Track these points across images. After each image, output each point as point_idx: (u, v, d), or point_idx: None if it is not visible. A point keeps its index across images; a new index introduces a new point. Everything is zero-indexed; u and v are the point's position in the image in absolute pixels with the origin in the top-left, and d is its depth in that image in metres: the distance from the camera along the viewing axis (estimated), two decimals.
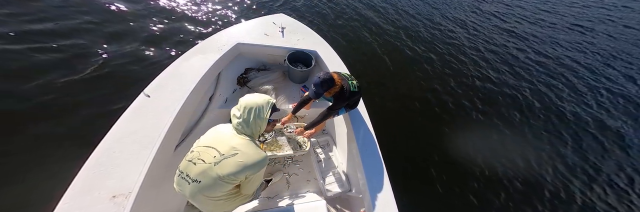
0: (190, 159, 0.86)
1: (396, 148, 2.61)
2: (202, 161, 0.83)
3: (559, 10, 7.46)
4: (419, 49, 4.28)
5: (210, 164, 0.81)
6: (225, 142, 0.86)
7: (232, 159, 0.82)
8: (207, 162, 0.82)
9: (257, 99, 0.91)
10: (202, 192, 0.84)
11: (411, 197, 2.21)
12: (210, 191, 0.84)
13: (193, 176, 0.83)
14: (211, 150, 0.85)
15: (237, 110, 0.90)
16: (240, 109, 0.89)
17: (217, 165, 0.81)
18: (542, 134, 3.25)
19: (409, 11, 5.52)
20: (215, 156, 0.83)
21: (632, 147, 3.28)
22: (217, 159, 0.82)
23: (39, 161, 1.71)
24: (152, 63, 2.61)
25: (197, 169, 0.83)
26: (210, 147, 0.85)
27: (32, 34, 2.44)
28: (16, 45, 2.28)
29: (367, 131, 1.60)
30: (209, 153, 0.84)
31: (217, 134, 0.92)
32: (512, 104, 3.60)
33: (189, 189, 0.85)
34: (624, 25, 7.04)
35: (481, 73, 4.08)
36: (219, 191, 0.85)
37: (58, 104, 2.02)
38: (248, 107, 0.88)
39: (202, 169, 0.82)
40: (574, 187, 2.71)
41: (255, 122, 0.90)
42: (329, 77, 1.23)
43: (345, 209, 1.65)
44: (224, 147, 0.84)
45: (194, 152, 0.87)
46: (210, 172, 0.81)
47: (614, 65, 5.05)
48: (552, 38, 5.71)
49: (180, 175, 0.88)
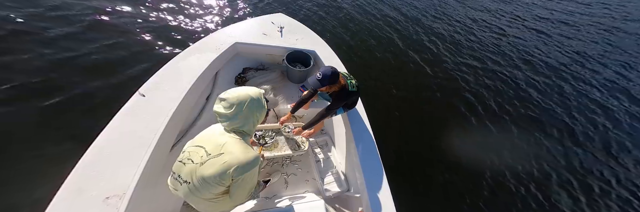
0: (181, 160, 0.83)
1: (395, 148, 2.61)
2: (191, 161, 0.79)
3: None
4: (420, 49, 4.31)
5: (197, 165, 0.77)
6: (214, 141, 0.81)
7: (216, 159, 0.75)
8: (195, 162, 0.78)
9: (248, 90, 0.82)
10: (193, 193, 0.80)
11: (410, 197, 2.21)
12: (200, 192, 0.79)
13: (183, 176, 0.80)
14: (200, 149, 0.80)
15: (222, 107, 0.79)
16: (229, 104, 0.78)
17: (202, 165, 0.76)
18: (548, 134, 3.25)
19: (409, 11, 5.57)
20: (202, 156, 0.78)
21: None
22: (203, 159, 0.77)
23: (29, 162, 1.68)
24: (147, 62, 2.58)
25: (186, 170, 0.80)
26: (199, 147, 0.81)
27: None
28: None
29: (365, 130, 1.60)
30: (198, 153, 0.80)
31: (208, 133, 0.88)
32: (514, 104, 3.61)
33: (182, 189, 0.82)
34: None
35: (483, 73, 4.11)
36: (208, 193, 0.79)
37: (50, 103, 1.98)
38: (239, 101, 0.79)
39: (189, 169, 0.78)
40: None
41: (253, 116, 0.83)
42: (337, 72, 1.24)
43: (344, 208, 1.64)
44: (212, 146, 0.79)
45: (185, 152, 0.84)
46: (196, 173, 0.77)
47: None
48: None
49: (173, 175, 0.85)
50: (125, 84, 2.27)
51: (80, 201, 0.89)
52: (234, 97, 0.79)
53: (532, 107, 3.63)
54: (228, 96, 0.79)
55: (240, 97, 0.79)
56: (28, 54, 2.25)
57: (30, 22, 2.53)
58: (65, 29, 2.61)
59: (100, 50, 2.54)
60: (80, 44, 2.53)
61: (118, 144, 1.06)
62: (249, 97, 0.80)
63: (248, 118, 0.82)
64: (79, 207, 0.88)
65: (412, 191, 2.33)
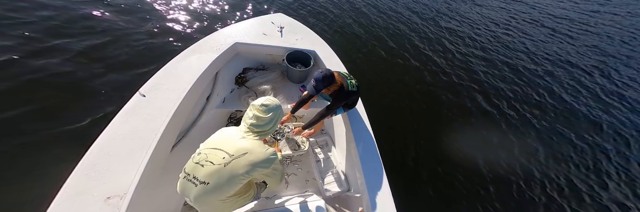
0: (198, 161, 0.86)
1: (395, 148, 2.61)
2: (210, 162, 0.84)
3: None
4: (422, 48, 4.30)
5: (220, 165, 0.83)
6: (232, 143, 0.88)
7: (242, 158, 0.85)
8: (216, 163, 0.84)
9: (274, 100, 0.99)
10: (208, 193, 0.84)
11: (409, 197, 2.21)
12: (219, 191, 0.85)
13: (201, 178, 0.84)
14: (219, 152, 0.86)
15: (263, 112, 0.93)
16: (269, 110, 0.94)
17: (228, 165, 0.83)
18: (549, 135, 3.25)
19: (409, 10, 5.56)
20: (224, 157, 0.84)
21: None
22: (226, 160, 0.84)
23: (30, 162, 1.68)
24: (147, 62, 2.58)
25: (205, 171, 0.84)
26: (217, 149, 0.87)
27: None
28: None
29: (365, 130, 1.60)
30: (217, 155, 0.85)
31: (224, 136, 0.95)
32: (516, 104, 3.61)
33: (194, 191, 0.85)
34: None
35: (484, 73, 4.11)
36: (227, 192, 0.87)
37: (50, 104, 1.98)
38: (276, 107, 0.96)
39: (211, 170, 0.83)
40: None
41: (277, 120, 0.99)
42: (330, 74, 1.24)
43: (344, 208, 1.65)
44: (232, 148, 0.87)
45: (201, 155, 0.87)
46: (221, 173, 0.83)
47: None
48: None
49: (186, 177, 0.87)
50: (125, 84, 2.28)
51: (81, 201, 0.89)
52: (273, 104, 0.96)
53: (548, 112, 3.61)
54: (269, 103, 0.95)
55: (276, 104, 0.97)
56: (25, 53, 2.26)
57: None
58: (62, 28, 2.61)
59: (100, 50, 2.55)
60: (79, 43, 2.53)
61: (119, 144, 1.06)
62: (279, 104, 0.98)
63: (277, 121, 0.99)
64: (80, 208, 0.88)
65: (412, 191, 2.34)
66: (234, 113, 2.01)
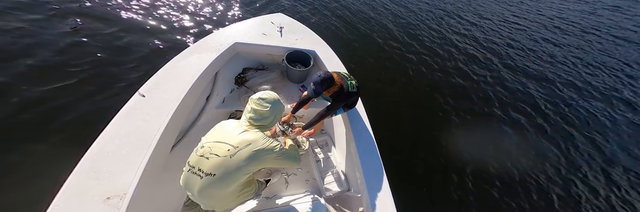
0: (202, 154, 0.87)
1: (395, 148, 2.61)
2: (215, 155, 0.86)
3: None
4: (423, 47, 4.30)
5: (226, 157, 0.85)
6: (235, 136, 0.90)
7: (246, 149, 0.87)
8: (221, 155, 0.85)
9: (272, 93, 1.01)
10: (214, 185, 0.86)
11: (410, 197, 2.21)
12: (225, 183, 0.87)
13: (206, 169, 0.85)
14: (222, 144, 0.88)
15: (261, 106, 0.95)
16: (268, 103, 0.96)
17: (233, 157, 0.85)
18: (550, 135, 3.25)
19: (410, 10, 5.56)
20: (229, 149, 0.86)
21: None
22: (231, 152, 0.86)
23: (29, 162, 1.68)
24: (146, 62, 2.58)
25: (210, 163, 0.85)
26: (220, 142, 0.89)
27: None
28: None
29: (365, 130, 1.60)
30: (220, 148, 0.87)
31: (225, 129, 0.95)
32: (516, 105, 3.61)
33: (199, 183, 0.86)
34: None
35: (484, 73, 4.11)
36: (233, 183, 0.89)
37: (50, 104, 1.98)
38: (274, 101, 0.97)
39: (217, 162, 0.85)
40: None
41: (280, 113, 1.02)
42: (329, 76, 1.23)
43: (344, 208, 1.64)
44: (235, 141, 0.89)
45: (205, 148, 0.89)
46: (227, 163, 0.85)
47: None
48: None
49: (191, 170, 0.88)
50: (125, 84, 2.28)
51: (81, 201, 0.89)
52: (271, 98, 0.97)
53: (552, 115, 3.59)
54: (267, 97, 0.97)
55: (274, 97, 0.99)
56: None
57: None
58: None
59: (99, 50, 2.54)
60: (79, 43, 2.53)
61: (118, 145, 1.06)
62: (278, 99, 1.00)
63: (276, 116, 1.00)
64: (80, 208, 0.88)
65: (412, 191, 2.33)
66: (233, 113, 2.01)
